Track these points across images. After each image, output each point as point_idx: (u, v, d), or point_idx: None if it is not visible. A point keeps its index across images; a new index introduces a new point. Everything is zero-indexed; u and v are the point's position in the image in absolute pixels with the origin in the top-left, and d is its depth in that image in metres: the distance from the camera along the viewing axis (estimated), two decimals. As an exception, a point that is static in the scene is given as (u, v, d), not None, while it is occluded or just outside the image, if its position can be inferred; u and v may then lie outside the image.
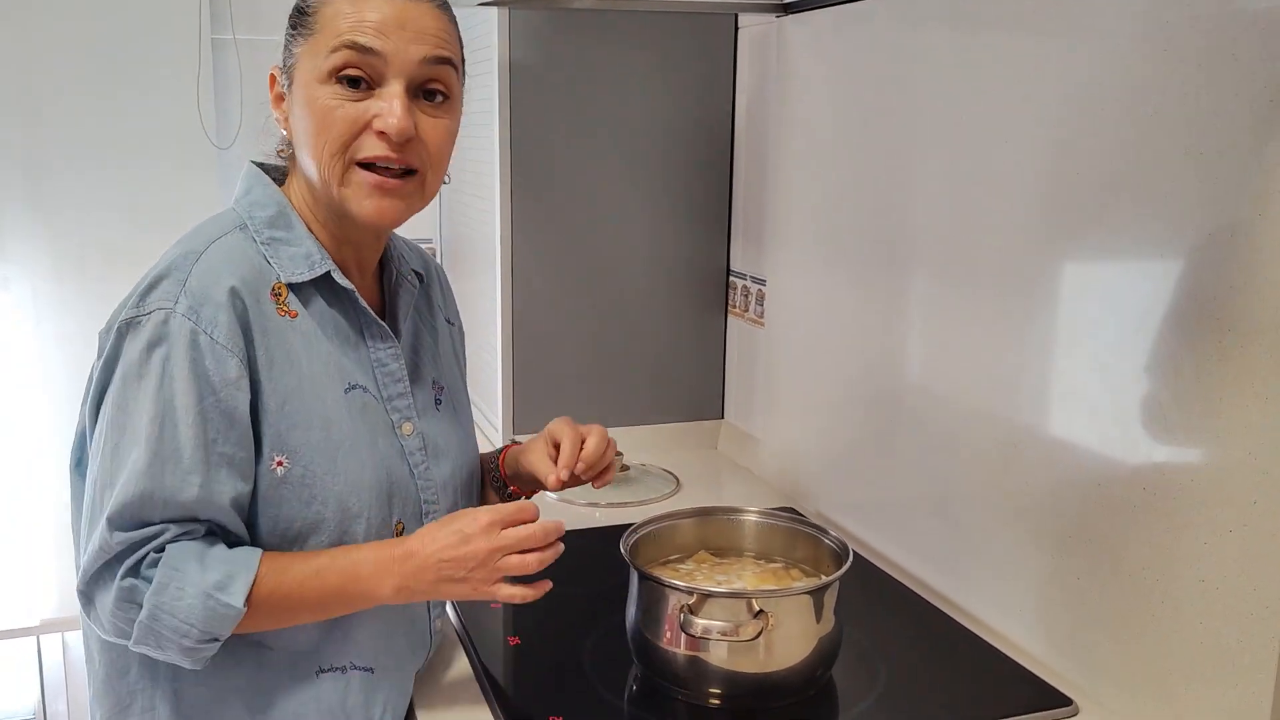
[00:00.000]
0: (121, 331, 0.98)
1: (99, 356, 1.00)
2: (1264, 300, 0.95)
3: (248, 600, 0.96)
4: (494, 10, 1.85)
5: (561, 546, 1.04)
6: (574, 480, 1.21)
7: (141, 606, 0.95)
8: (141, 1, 2.28)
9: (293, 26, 1.05)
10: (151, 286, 0.98)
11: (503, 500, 1.31)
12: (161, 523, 0.96)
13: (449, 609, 1.33)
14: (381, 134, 1.00)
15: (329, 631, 1.05)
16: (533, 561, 1.01)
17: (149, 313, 0.97)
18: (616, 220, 1.99)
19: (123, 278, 1.05)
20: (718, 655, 1.11)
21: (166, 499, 0.95)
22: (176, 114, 2.33)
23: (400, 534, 1.08)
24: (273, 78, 1.08)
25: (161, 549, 0.96)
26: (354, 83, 1.00)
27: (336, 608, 1.02)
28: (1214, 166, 0.99)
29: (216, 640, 0.97)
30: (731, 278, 2.07)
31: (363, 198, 1.02)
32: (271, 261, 1.03)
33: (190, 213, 2.52)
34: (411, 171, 1.04)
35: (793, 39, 1.75)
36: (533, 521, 1.02)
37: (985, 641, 1.30)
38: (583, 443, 1.22)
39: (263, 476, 1.00)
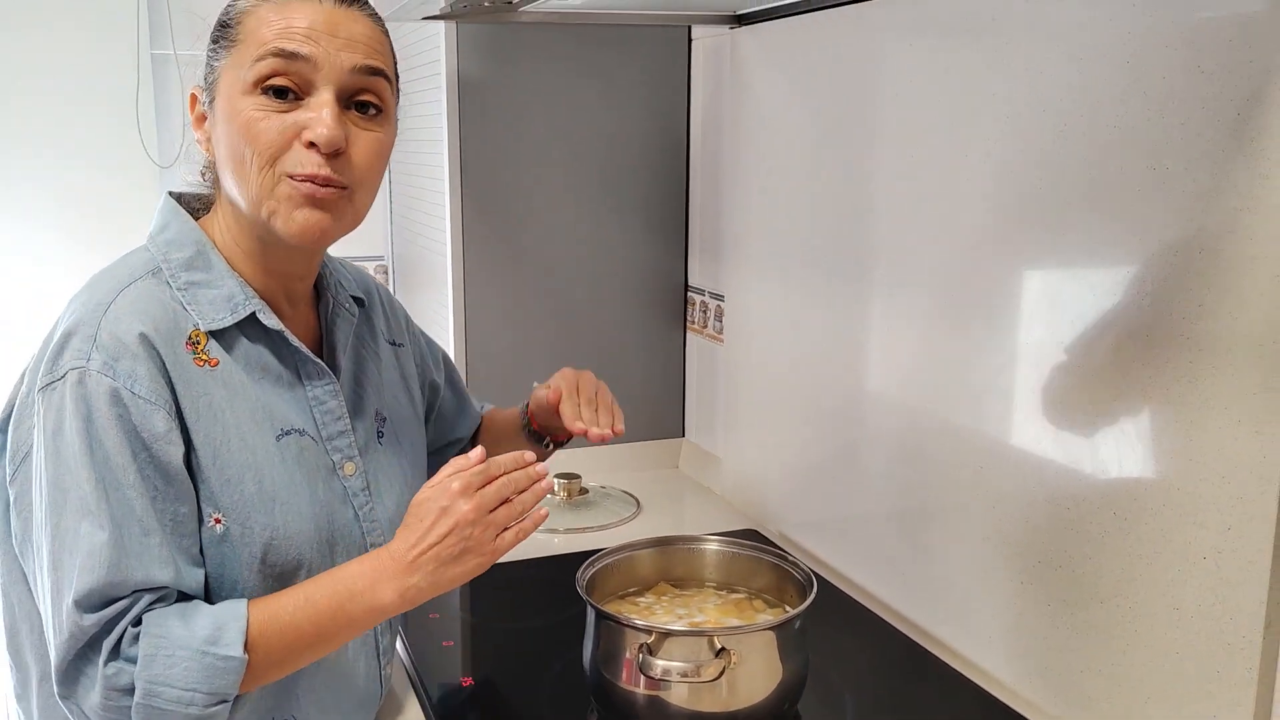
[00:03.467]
0: (36, 400, 0.91)
1: (11, 416, 0.95)
2: (1234, 319, 0.92)
3: (246, 647, 0.89)
4: (441, 24, 1.81)
5: (548, 479, 1.02)
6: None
7: (133, 690, 0.87)
8: (78, 16, 2.22)
9: (214, 41, 0.98)
10: (62, 347, 0.91)
11: (539, 450, 1.31)
12: (132, 594, 0.89)
13: (399, 648, 1.28)
14: (311, 145, 0.93)
15: (266, 695, 0.99)
16: (526, 502, 0.98)
17: (62, 375, 0.90)
18: (571, 236, 1.95)
19: (61, 298, 0.99)
20: (679, 695, 1.06)
21: (133, 564, 0.88)
22: (116, 131, 2.26)
23: None
24: (194, 98, 1.01)
25: (138, 621, 0.88)
26: (281, 93, 0.93)
27: (340, 633, 0.95)
28: (1180, 181, 0.96)
29: (225, 701, 0.89)
30: (690, 293, 2.03)
31: (291, 210, 0.94)
32: (189, 308, 0.96)
33: (132, 232, 2.45)
34: (342, 188, 0.97)
35: (747, 51, 1.71)
36: (500, 474, 0.98)
37: (955, 670, 1.26)
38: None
39: (203, 535, 0.94)
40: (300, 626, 0.92)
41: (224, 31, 0.97)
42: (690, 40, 1.94)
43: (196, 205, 1.04)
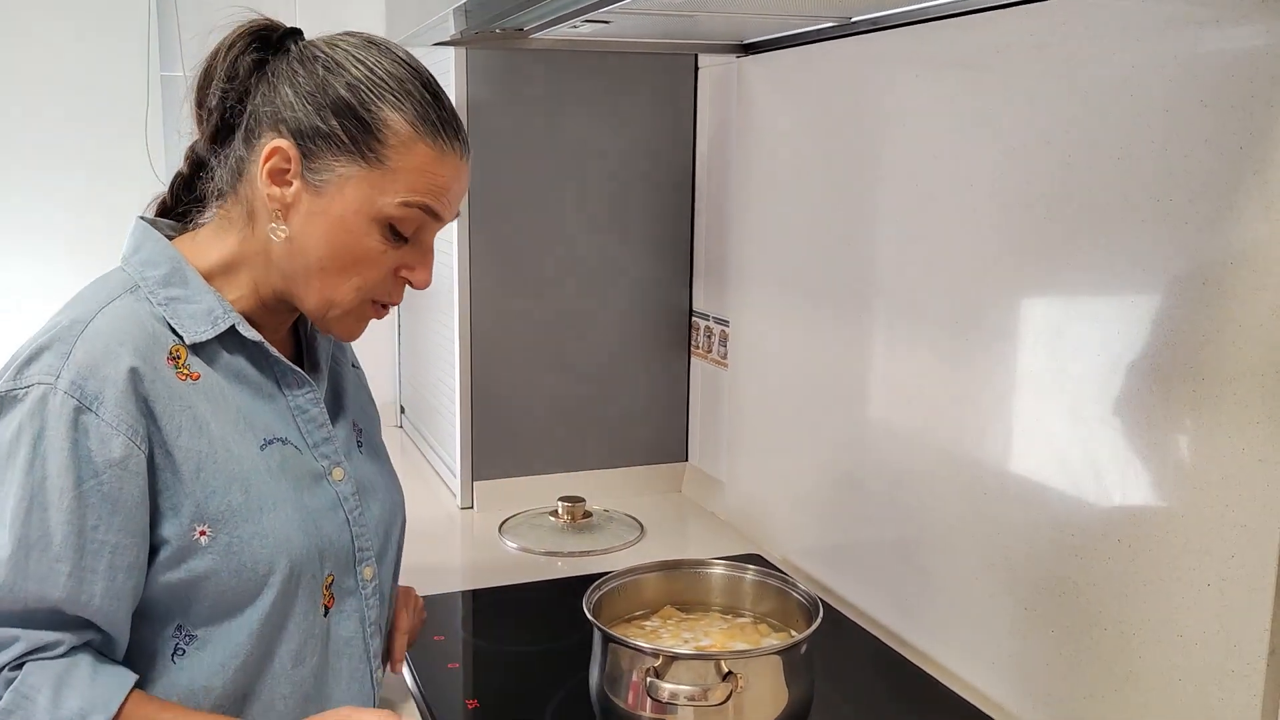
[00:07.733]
0: None
1: None
2: (1236, 349, 0.94)
3: None
4: (451, 50, 1.83)
5: None
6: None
7: None
8: (89, 38, 2.24)
9: (346, 134, 0.96)
10: (32, 358, 0.91)
11: None
12: (21, 626, 0.89)
13: (405, 671, 1.28)
14: (406, 282, 1.04)
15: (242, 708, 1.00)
16: None
17: (26, 387, 0.90)
18: (577, 261, 1.96)
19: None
20: (685, 719, 1.07)
21: (30, 591, 0.89)
22: (125, 151, 2.28)
23: (329, 587, 1.03)
24: (279, 151, 0.97)
25: (19, 665, 0.89)
26: (400, 234, 1.01)
27: None
28: (1183, 213, 0.98)
29: None
30: (694, 318, 2.04)
31: (354, 323, 1.05)
32: (171, 323, 0.97)
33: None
34: None
35: (753, 79, 1.73)
36: None
37: (959, 696, 1.26)
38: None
39: (188, 550, 0.94)
40: None
41: (363, 134, 0.97)
42: (697, 69, 1.97)
43: (169, 230, 1.06)
